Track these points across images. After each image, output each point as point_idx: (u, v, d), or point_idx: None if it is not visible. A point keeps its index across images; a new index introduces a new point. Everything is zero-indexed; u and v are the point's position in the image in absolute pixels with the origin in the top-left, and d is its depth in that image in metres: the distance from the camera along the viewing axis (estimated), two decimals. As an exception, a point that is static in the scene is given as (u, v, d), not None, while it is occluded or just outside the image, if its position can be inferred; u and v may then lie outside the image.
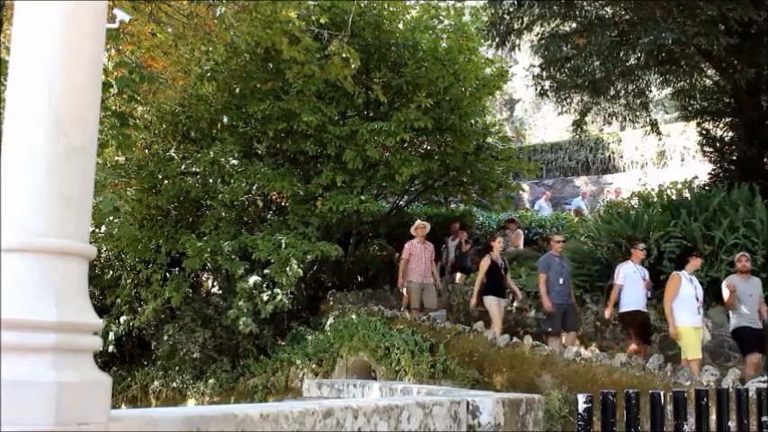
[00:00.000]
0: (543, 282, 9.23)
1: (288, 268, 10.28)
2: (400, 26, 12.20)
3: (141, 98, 9.38)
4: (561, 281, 9.23)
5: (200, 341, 11.57)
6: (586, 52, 11.16)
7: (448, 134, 12.35)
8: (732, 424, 2.80)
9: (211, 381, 11.32)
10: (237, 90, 11.98)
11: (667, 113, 21.76)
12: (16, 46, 1.99)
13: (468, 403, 3.18)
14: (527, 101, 32.32)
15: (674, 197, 11.46)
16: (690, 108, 13.89)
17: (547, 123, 30.93)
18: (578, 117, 13.63)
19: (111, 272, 12.86)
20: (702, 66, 12.21)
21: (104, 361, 12.36)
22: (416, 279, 10.84)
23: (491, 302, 9.66)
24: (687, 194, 11.39)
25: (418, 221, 11.53)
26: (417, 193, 14.43)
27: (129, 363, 13.01)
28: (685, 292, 8.04)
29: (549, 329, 9.17)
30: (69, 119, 1.94)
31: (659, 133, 14.62)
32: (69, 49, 1.96)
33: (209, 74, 11.49)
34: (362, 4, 11.44)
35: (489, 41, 12.25)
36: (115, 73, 7.56)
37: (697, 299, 8.05)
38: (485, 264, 9.77)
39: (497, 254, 9.89)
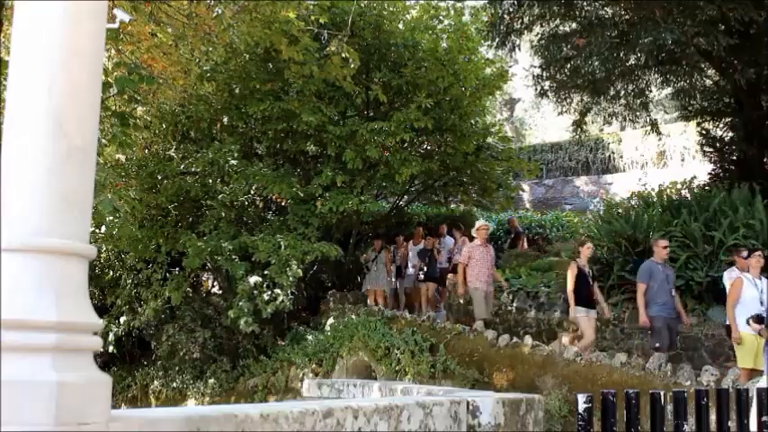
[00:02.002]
0: (642, 292, 8.08)
1: (288, 269, 10.28)
2: (400, 26, 12.22)
3: (141, 98, 9.37)
4: (672, 292, 8.15)
5: (200, 341, 11.57)
6: (586, 52, 11.15)
7: (448, 134, 12.36)
8: (732, 424, 2.80)
9: (211, 381, 11.32)
10: (237, 90, 11.99)
11: (667, 113, 21.75)
12: (16, 46, 1.98)
13: (468, 403, 3.18)
14: (527, 101, 32.30)
15: (674, 197, 11.45)
16: (690, 108, 13.89)
17: (547, 123, 30.91)
18: (578, 117, 13.63)
19: (111, 272, 12.87)
20: (702, 66, 12.20)
21: (104, 361, 12.37)
22: (480, 285, 9.71)
23: (580, 314, 8.54)
24: (687, 194, 11.38)
25: (481, 221, 10.38)
26: (417, 193, 14.44)
27: (129, 363, 13.01)
28: (746, 295, 7.37)
29: (657, 345, 7.90)
30: (69, 119, 1.94)
31: (659, 133, 14.62)
32: (69, 49, 1.96)
33: (208, 74, 11.50)
34: (362, 4, 11.45)
35: (489, 41, 12.24)
36: (115, 73, 7.56)
37: (762, 302, 7.28)
38: (572, 271, 8.71)
39: (585, 261, 8.85)
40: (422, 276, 11.93)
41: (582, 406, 2.17)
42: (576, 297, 8.53)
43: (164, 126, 12.39)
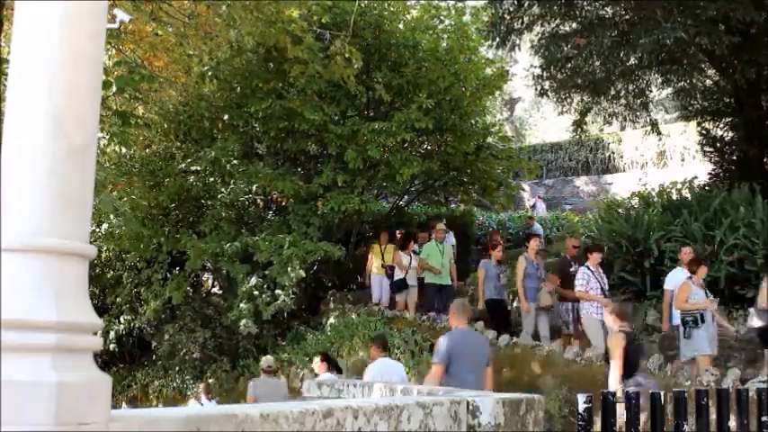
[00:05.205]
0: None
1: (289, 269, 10.26)
2: (401, 26, 12.21)
3: (143, 97, 9.37)
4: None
5: (201, 341, 11.57)
6: (586, 52, 11.15)
7: (448, 134, 12.35)
8: (732, 424, 2.80)
9: (211, 381, 11.33)
10: (239, 89, 11.98)
11: (667, 113, 21.76)
12: (16, 46, 1.98)
13: (468, 403, 3.18)
14: (527, 101, 32.31)
15: (674, 197, 11.45)
16: (690, 108, 13.91)
17: (547, 123, 30.90)
18: (578, 117, 13.63)
19: (112, 271, 12.86)
20: (703, 66, 12.21)
21: (104, 361, 12.37)
22: None
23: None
24: (687, 194, 11.38)
25: None
26: (418, 192, 14.44)
27: (129, 362, 13.01)
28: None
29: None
30: (69, 119, 1.94)
31: (659, 133, 14.62)
32: (69, 49, 1.96)
33: (210, 73, 11.49)
34: (363, 4, 11.44)
35: (489, 41, 12.25)
36: (115, 72, 7.56)
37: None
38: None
39: None
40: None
41: (582, 406, 2.17)
42: None
43: (165, 125, 12.38)
